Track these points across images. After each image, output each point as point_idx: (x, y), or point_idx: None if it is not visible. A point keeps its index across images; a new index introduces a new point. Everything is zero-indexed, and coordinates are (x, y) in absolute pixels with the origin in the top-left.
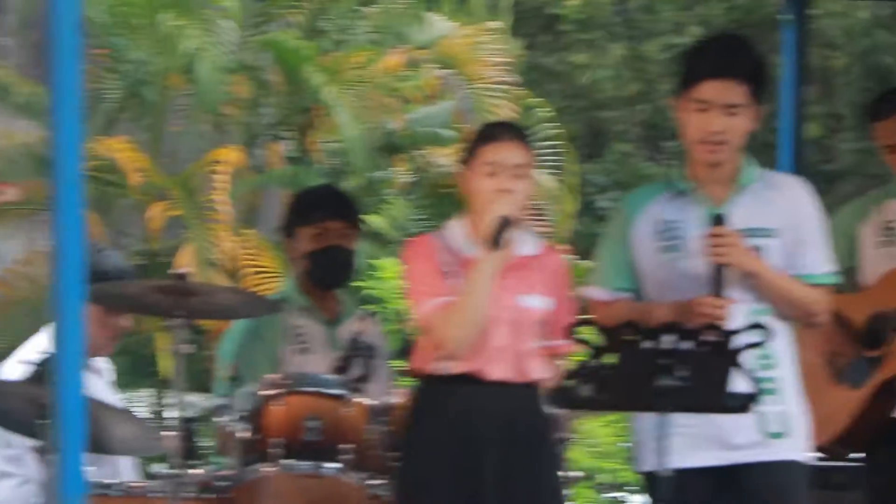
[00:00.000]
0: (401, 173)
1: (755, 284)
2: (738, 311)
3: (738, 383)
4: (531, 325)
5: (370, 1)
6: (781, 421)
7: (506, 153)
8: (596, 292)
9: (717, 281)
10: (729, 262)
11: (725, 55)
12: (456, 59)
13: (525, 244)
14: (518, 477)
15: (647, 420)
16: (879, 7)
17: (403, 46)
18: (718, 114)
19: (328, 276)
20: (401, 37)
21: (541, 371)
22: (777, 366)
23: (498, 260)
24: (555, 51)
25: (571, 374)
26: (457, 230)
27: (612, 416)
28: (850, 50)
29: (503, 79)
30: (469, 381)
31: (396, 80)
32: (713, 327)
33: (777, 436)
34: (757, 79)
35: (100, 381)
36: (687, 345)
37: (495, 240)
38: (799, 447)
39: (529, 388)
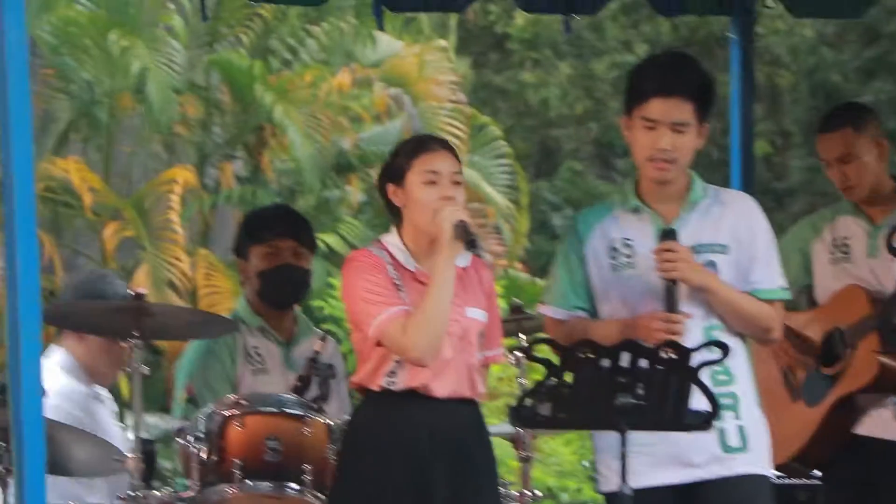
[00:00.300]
0: (353, 192)
1: (708, 300)
2: (693, 327)
3: (698, 400)
4: (474, 337)
5: (318, 20)
6: (740, 435)
7: (442, 161)
8: (550, 311)
9: (669, 296)
10: (680, 276)
11: (672, 73)
12: (405, 78)
13: (459, 257)
14: (467, 495)
15: (607, 439)
16: (824, 25)
17: (352, 65)
18: (666, 131)
19: (280, 294)
20: (349, 55)
21: (481, 385)
22: (734, 381)
23: (455, 258)
24: (503, 69)
25: (529, 393)
26: (394, 245)
27: (572, 435)
28: (796, 68)
29: (452, 97)
30: (416, 396)
31: (346, 99)
32: (671, 345)
33: (736, 450)
34: (704, 96)
35: (104, 409)
36: (645, 363)
37: (468, 242)
38: (759, 461)
39: (474, 402)
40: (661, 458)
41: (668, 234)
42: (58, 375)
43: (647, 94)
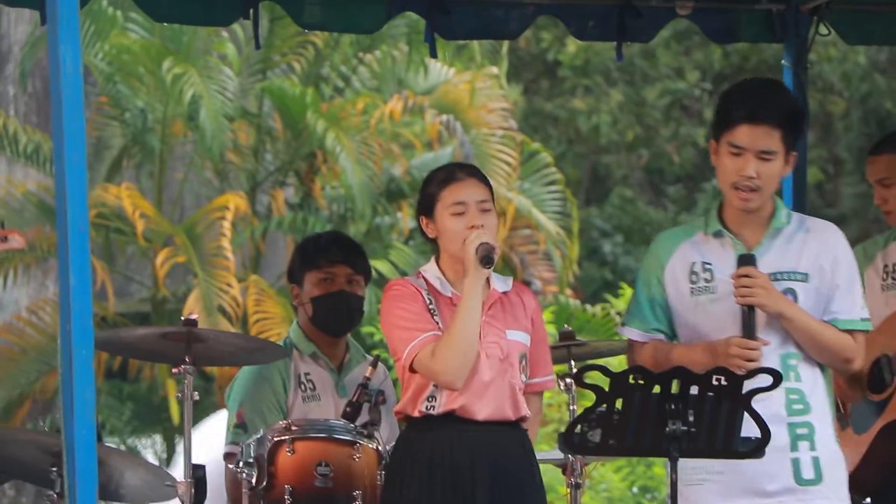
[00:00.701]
0: (403, 219)
1: (786, 327)
2: (769, 354)
3: (750, 428)
4: (516, 360)
5: (370, 48)
6: (815, 467)
7: (469, 191)
8: (631, 333)
9: (748, 323)
10: (757, 303)
11: (760, 100)
12: (456, 105)
13: (499, 281)
14: None
15: (680, 466)
16: (877, 52)
17: (404, 93)
18: (752, 159)
19: (334, 321)
20: (401, 83)
21: (525, 408)
22: (811, 411)
23: (482, 281)
24: (554, 96)
25: (579, 419)
26: (431, 273)
27: (622, 461)
28: (848, 94)
29: (503, 124)
30: (456, 419)
31: (398, 126)
32: (722, 371)
33: (810, 482)
34: (792, 124)
35: None
36: (695, 389)
37: (483, 260)
38: (834, 494)
39: (517, 425)
40: (731, 486)
41: (746, 260)
42: None
43: (734, 121)
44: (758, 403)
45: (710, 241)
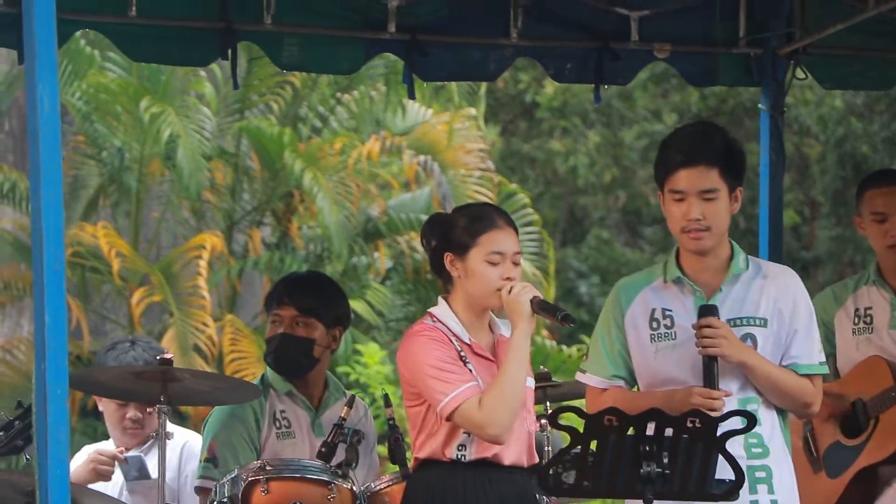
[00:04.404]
0: (380, 259)
1: (748, 375)
2: (729, 402)
3: (724, 470)
4: (532, 405)
5: (348, 88)
6: None
7: (507, 241)
8: (589, 380)
9: (709, 373)
10: (720, 353)
11: (693, 142)
12: (434, 146)
13: (503, 327)
14: None
15: None
16: (854, 96)
17: (381, 133)
18: (695, 201)
19: (279, 363)
20: (379, 123)
21: (535, 454)
22: (769, 454)
23: (531, 334)
24: (531, 137)
25: (554, 461)
26: (448, 317)
27: (597, 502)
28: (824, 138)
29: (481, 165)
30: (485, 465)
31: (375, 166)
32: (696, 414)
33: None
34: (729, 160)
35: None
36: (670, 431)
37: (562, 317)
38: None
39: (531, 469)
40: None
41: (708, 311)
42: None
43: (672, 167)
44: None
45: (670, 287)
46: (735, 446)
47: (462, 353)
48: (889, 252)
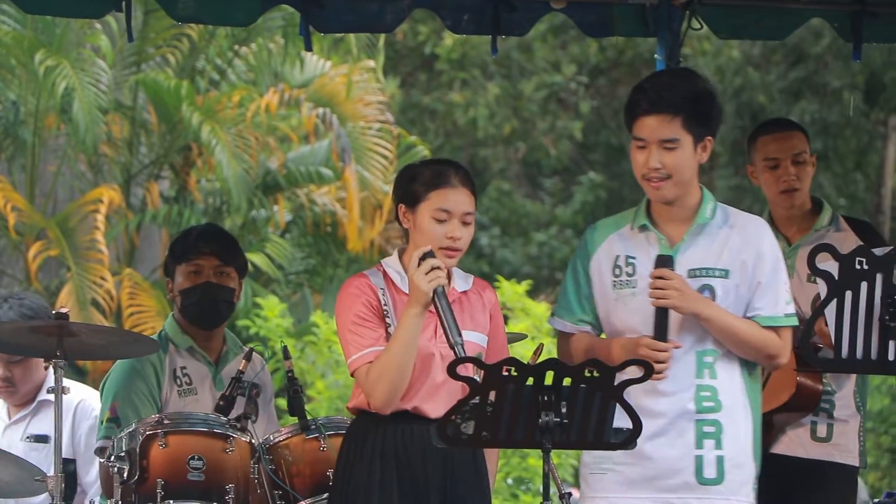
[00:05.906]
0: (280, 212)
1: (705, 326)
2: (684, 354)
3: (622, 419)
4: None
5: (246, 41)
6: (718, 467)
7: (457, 200)
8: (559, 324)
9: (660, 324)
10: (670, 305)
11: (657, 90)
12: (332, 99)
13: (460, 280)
14: None
15: (588, 457)
16: (750, 46)
17: (280, 86)
18: (656, 150)
19: (201, 313)
20: (277, 76)
21: None
22: (721, 409)
23: (423, 318)
24: (431, 90)
25: (453, 411)
26: (392, 267)
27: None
28: (722, 88)
29: (380, 117)
30: (410, 416)
31: (274, 119)
32: (594, 363)
33: (711, 482)
34: (694, 109)
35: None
36: (567, 381)
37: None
38: (734, 495)
39: None
40: (634, 478)
41: (663, 262)
42: None
43: (635, 114)
44: (667, 398)
45: (637, 234)
46: (685, 400)
47: (385, 308)
48: (782, 198)
